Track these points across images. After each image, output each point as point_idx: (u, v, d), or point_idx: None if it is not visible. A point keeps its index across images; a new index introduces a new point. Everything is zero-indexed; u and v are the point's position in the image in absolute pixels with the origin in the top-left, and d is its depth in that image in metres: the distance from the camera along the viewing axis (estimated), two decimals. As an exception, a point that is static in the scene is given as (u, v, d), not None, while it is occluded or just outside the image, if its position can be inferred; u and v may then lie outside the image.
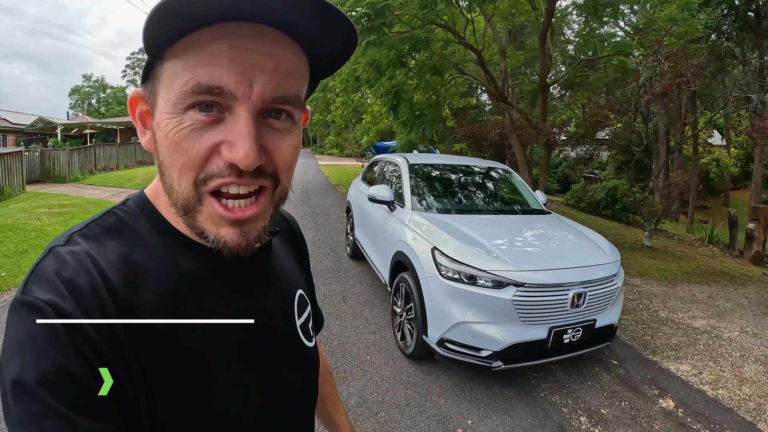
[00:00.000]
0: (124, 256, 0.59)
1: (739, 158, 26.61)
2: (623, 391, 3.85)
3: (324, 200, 13.54)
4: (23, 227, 8.47)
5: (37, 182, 16.54)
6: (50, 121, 31.59)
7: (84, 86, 66.94)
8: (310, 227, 9.46)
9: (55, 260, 0.55)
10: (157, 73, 0.58)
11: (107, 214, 0.65)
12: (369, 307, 5.22)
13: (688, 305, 6.06)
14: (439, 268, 3.63)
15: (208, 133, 0.55)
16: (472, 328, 3.45)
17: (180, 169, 0.57)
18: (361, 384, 3.67)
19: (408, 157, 5.68)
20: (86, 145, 23.86)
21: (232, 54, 0.53)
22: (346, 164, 31.15)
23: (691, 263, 8.51)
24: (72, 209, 10.74)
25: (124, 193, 14.52)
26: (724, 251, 10.20)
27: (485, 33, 11.84)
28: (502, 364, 3.43)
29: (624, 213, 14.39)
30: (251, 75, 0.54)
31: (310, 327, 0.86)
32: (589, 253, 4.00)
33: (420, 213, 4.50)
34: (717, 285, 7.17)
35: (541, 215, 5.01)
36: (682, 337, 5.02)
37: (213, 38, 0.53)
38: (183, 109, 0.55)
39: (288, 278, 0.83)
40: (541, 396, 3.68)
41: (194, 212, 0.59)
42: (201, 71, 0.53)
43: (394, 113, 11.71)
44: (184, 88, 0.54)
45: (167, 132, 0.56)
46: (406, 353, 4.08)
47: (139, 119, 0.64)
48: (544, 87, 10.75)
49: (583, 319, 3.64)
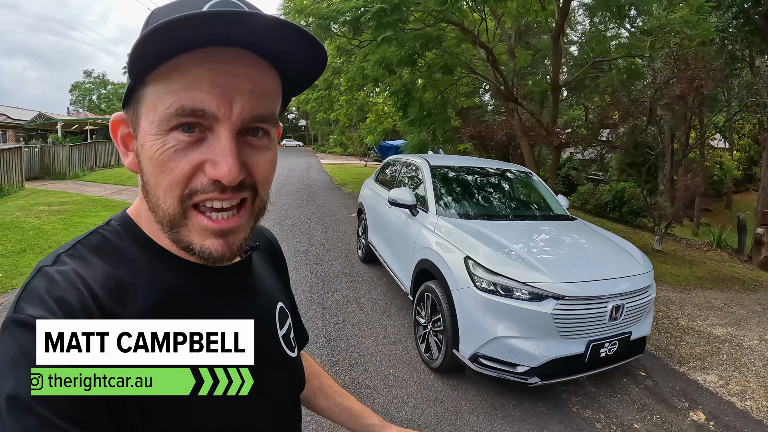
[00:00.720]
0: (110, 274, 0.61)
1: (742, 161, 26.49)
2: (653, 403, 3.76)
3: (329, 200, 13.39)
4: (22, 226, 8.25)
5: (37, 179, 16.27)
6: (50, 117, 31.42)
7: (85, 82, 66.68)
8: (317, 228, 9.30)
9: (44, 279, 0.57)
10: (140, 96, 0.60)
11: (92, 234, 0.66)
12: (386, 315, 5.03)
13: (706, 312, 6.05)
14: (474, 279, 3.43)
15: (192, 153, 0.58)
16: (509, 344, 3.28)
17: (166, 188, 0.59)
18: (387, 400, 3.49)
19: (428, 158, 5.48)
20: (87, 141, 23.70)
21: (212, 78, 0.57)
22: (349, 163, 31.14)
23: (702, 268, 8.49)
24: (72, 207, 10.50)
25: (125, 190, 14.33)
26: (733, 256, 10.21)
27: (495, 32, 11.68)
28: (539, 381, 3.28)
29: (631, 216, 14.30)
30: (230, 97, 0.58)
31: (291, 338, 0.89)
32: (625, 263, 3.87)
33: (446, 218, 4.30)
34: (730, 291, 7.18)
35: (567, 221, 4.84)
36: (705, 346, 4.96)
37: (194, 63, 0.56)
38: (167, 131, 0.58)
39: (268, 291, 0.85)
40: (573, 411, 3.56)
41: (180, 227, 0.61)
42: (184, 95, 0.56)
43: (404, 112, 11.54)
44: (168, 111, 0.56)
45: (152, 153, 0.59)
46: (432, 366, 3.89)
47: (121, 141, 0.66)
48: (555, 88, 10.57)
49: (620, 331, 3.52)
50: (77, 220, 9.10)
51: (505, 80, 10.98)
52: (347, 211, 11.55)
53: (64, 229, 8.28)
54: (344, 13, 8.20)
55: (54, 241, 7.35)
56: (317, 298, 5.37)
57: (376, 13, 7.54)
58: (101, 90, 66.42)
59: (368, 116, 19.38)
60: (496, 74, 10.99)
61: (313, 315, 4.88)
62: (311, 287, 5.73)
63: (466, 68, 11.31)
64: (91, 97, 65.59)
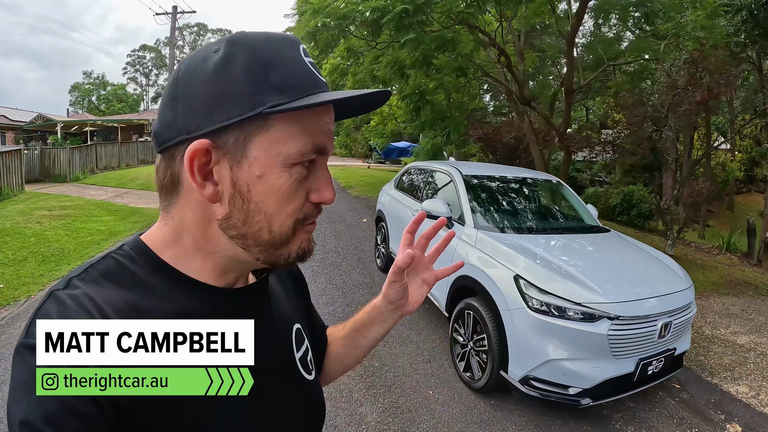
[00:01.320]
0: (123, 297, 0.60)
1: (744, 163, 26.46)
2: (691, 417, 3.74)
3: (337, 204, 13.18)
4: (22, 232, 8.08)
5: (37, 181, 16.12)
6: (50, 118, 31.12)
7: (84, 83, 66.20)
8: (330, 235, 9.16)
9: (55, 303, 0.56)
10: (259, 127, 0.61)
11: (104, 259, 0.65)
12: (415, 330, 4.88)
13: (726, 320, 6.03)
14: (527, 300, 3.30)
15: (303, 184, 0.65)
16: (563, 366, 3.19)
17: (288, 214, 0.64)
18: (431, 426, 3.34)
19: (458, 167, 5.31)
20: (86, 142, 23.56)
21: (329, 126, 0.67)
22: (351, 165, 30.99)
23: (714, 273, 8.44)
24: (73, 212, 10.33)
25: (126, 193, 14.17)
26: (743, 259, 10.20)
27: (505, 34, 11.57)
28: (591, 401, 3.22)
29: (640, 219, 14.22)
30: (332, 139, 0.68)
31: (309, 360, 0.87)
32: (669, 279, 3.81)
33: (487, 232, 4.15)
34: (745, 297, 7.18)
35: (603, 233, 4.72)
36: (732, 356, 4.94)
37: (319, 115, 0.65)
38: (292, 164, 0.62)
39: (284, 313, 0.85)
40: (617, 428, 3.50)
41: (286, 244, 0.66)
42: (317, 137, 0.64)
43: (416, 115, 11.42)
44: (305, 149, 0.62)
45: (281, 184, 0.62)
46: (473, 387, 3.74)
47: (197, 171, 0.62)
48: (569, 91, 10.40)
49: (665, 348, 3.48)
50: (79, 226, 8.93)
51: (519, 83, 10.86)
52: (357, 216, 11.45)
53: (66, 235, 8.13)
54: (364, 13, 8.07)
55: (56, 249, 7.20)
56: (340, 312, 5.22)
57: (398, 14, 7.41)
58: (101, 91, 65.88)
59: (372, 118, 19.27)
60: (509, 77, 10.88)
61: (339, 330, 4.71)
62: (333, 300, 5.59)
63: (480, 71, 11.17)
64: (90, 98, 65.10)
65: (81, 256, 6.94)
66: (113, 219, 9.90)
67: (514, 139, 13.78)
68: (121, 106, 59.88)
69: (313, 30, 8.88)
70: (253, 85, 0.59)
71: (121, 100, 62.95)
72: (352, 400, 3.57)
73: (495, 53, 11.70)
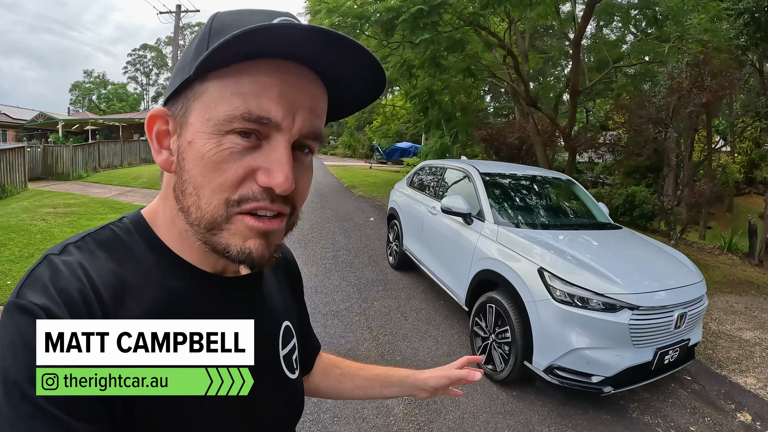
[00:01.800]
0: (114, 270, 0.60)
1: (743, 164, 26.62)
2: (703, 406, 3.90)
3: (342, 203, 13.35)
4: (28, 229, 8.01)
5: (39, 179, 15.97)
6: (51, 117, 31.06)
7: (85, 82, 66.13)
8: (339, 233, 9.24)
9: (49, 268, 0.57)
10: (196, 92, 0.59)
11: (102, 229, 0.66)
12: (432, 324, 4.97)
13: (731, 317, 6.20)
14: (551, 291, 3.41)
15: (246, 158, 0.58)
16: (587, 354, 3.30)
17: (214, 188, 0.58)
18: (458, 416, 3.43)
19: (476, 165, 5.41)
20: (87, 141, 23.47)
21: (282, 89, 0.57)
22: (353, 165, 30.97)
23: (717, 272, 8.56)
24: (78, 209, 10.29)
25: (130, 192, 14.18)
26: (744, 260, 10.29)
27: (511, 36, 11.67)
28: (612, 389, 3.35)
29: (642, 220, 14.33)
30: (295, 110, 0.58)
31: (293, 359, 0.86)
32: (683, 273, 3.96)
33: (507, 228, 4.24)
34: (747, 295, 7.33)
35: (616, 230, 4.83)
36: (739, 350, 5.11)
37: (266, 71, 0.57)
38: (225, 132, 0.57)
39: (275, 309, 0.83)
40: (634, 417, 3.63)
41: (219, 230, 0.60)
42: (252, 101, 0.56)
43: (425, 115, 11.50)
44: (233, 113, 0.56)
45: (204, 151, 0.57)
46: (496, 378, 3.83)
47: (155, 138, 0.64)
48: (575, 93, 10.51)
49: (681, 338, 3.63)
50: (85, 223, 8.90)
51: (526, 84, 10.96)
52: (364, 215, 11.52)
53: (72, 232, 7.99)
54: (379, 13, 8.15)
55: None
56: (357, 308, 5.29)
57: (413, 15, 7.48)
58: (101, 90, 65.87)
59: (376, 119, 19.33)
60: (515, 78, 10.97)
61: (358, 326, 4.81)
62: (348, 296, 5.66)
63: (487, 72, 11.27)
64: (90, 96, 65.03)
65: None
66: (118, 216, 9.88)
67: (518, 140, 13.90)
68: (122, 105, 59.78)
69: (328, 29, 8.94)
70: (197, 52, 0.57)
71: (121, 99, 62.81)
72: (377, 393, 3.66)
73: (501, 54, 11.80)
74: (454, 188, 5.57)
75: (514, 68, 10.51)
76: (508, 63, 10.99)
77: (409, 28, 7.89)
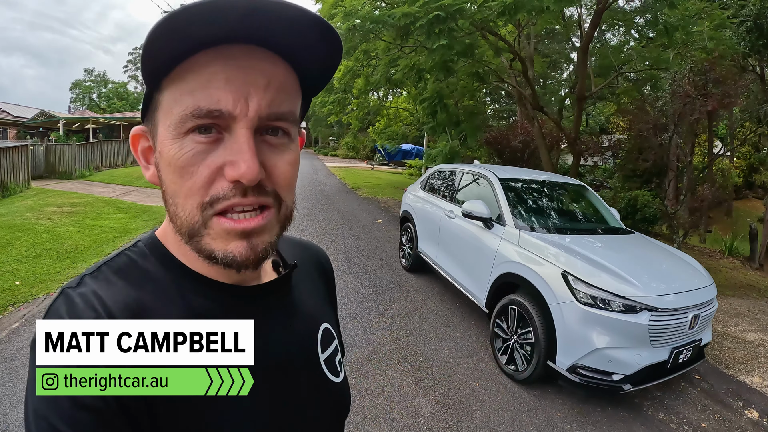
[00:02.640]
0: (132, 295, 0.60)
1: (743, 168, 26.82)
2: (712, 404, 4.08)
3: (349, 205, 13.41)
4: (34, 228, 8.00)
5: (42, 178, 15.86)
6: (52, 115, 30.98)
7: (85, 80, 65.79)
8: (348, 235, 9.29)
9: (65, 301, 0.57)
10: (156, 103, 0.59)
11: (118, 256, 0.66)
12: (451, 326, 5.07)
13: (735, 319, 6.34)
14: (575, 294, 3.55)
15: (210, 156, 0.56)
16: (608, 354, 3.45)
17: (185, 194, 0.57)
18: (484, 415, 3.55)
19: (494, 170, 5.52)
20: (89, 140, 23.41)
21: (227, 73, 0.55)
22: (354, 166, 30.91)
23: (719, 276, 8.65)
24: (83, 208, 10.25)
25: (134, 191, 14.15)
26: (745, 263, 10.39)
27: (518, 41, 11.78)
28: (632, 387, 3.51)
29: (644, 223, 14.46)
30: (246, 92, 0.55)
31: (337, 361, 0.84)
32: (695, 276, 4.13)
33: (528, 233, 4.37)
34: (749, 298, 7.46)
35: (629, 235, 4.95)
36: (744, 350, 5.28)
37: (208, 61, 0.55)
38: (183, 133, 0.56)
39: (311, 312, 0.82)
40: (649, 414, 3.79)
41: (200, 236, 0.59)
42: (200, 95, 0.54)
43: (433, 118, 11.59)
44: (184, 112, 0.55)
45: (170, 157, 0.57)
46: (517, 378, 3.96)
47: (141, 155, 0.65)
48: (581, 98, 10.62)
49: (693, 339, 3.80)
50: (91, 223, 8.89)
51: (532, 88, 11.08)
52: (371, 217, 11.59)
53: (78, 232, 8.06)
54: (396, 17, 8.23)
55: (69, 245, 7.16)
56: (376, 310, 5.39)
57: (430, 21, 7.58)
58: (102, 88, 65.50)
59: (379, 120, 19.38)
60: (521, 81, 11.07)
61: (378, 328, 4.90)
62: (365, 298, 5.75)
63: (495, 76, 11.38)
64: (91, 95, 64.76)
65: (97, 253, 6.92)
66: (125, 216, 9.90)
67: (521, 143, 13.99)
68: (122, 104, 59.45)
69: (345, 33, 9.01)
70: (143, 53, 0.54)
71: (122, 98, 62.38)
72: (404, 394, 3.75)
73: (507, 58, 11.92)
74: (471, 193, 5.67)
75: (522, 72, 10.61)
76: (515, 67, 11.09)
77: (426, 33, 8.00)
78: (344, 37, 9.36)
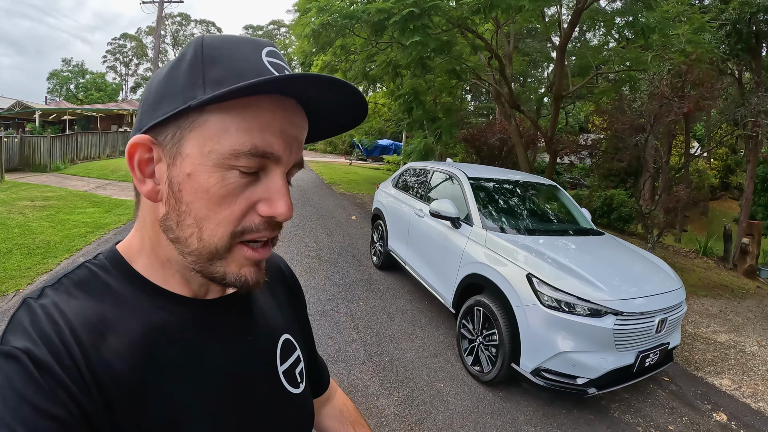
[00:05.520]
0: (92, 307, 0.60)
1: (719, 170, 27.32)
2: (680, 407, 4.06)
3: (324, 201, 13.33)
4: (5, 223, 7.84)
5: (16, 170, 15.63)
6: (29, 106, 30.29)
7: (63, 70, 64.58)
8: (321, 231, 9.21)
9: (27, 312, 0.57)
10: (193, 122, 0.58)
11: (78, 268, 0.65)
12: (419, 326, 5.01)
13: (707, 320, 6.38)
14: (540, 297, 3.50)
15: (247, 191, 0.60)
16: (573, 358, 3.41)
17: (219, 221, 0.59)
18: (447, 416, 3.49)
19: (463, 169, 5.46)
20: (65, 131, 23.00)
21: (282, 125, 0.60)
22: (332, 161, 30.94)
23: (692, 276, 8.77)
24: (56, 203, 10.11)
25: (108, 185, 13.94)
26: (719, 263, 10.53)
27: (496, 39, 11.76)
28: (596, 391, 3.47)
29: (619, 222, 14.62)
30: (290, 144, 0.61)
31: (297, 372, 0.85)
32: (664, 280, 4.08)
33: (496, 233, 4.30)
34: (722, 298, 7.52)
35: (599, 236, 4.92)
36: (714, 352, 5.30)
37: (268, 107, 0.58)
38: (229, 167, 0.58)
39: (270, 324, 0.83)
40: (615, 416, 3.77)
41: (219, 259, 0.62)
42: (257, 136, 0.57)
43: (409, 115, 11.54)
44: (240, 148, 0.57)
45: (209, 185, 0.58)
46: (482, 380, 3.91)
47: (138, 167, 0.63)
48: (558, 97, 10.62)
49: (660, 342, 3.78)
50: (63, 217, 8.75)
51: (509, 86, 11.06)
52: (345, 213, 11.52)
53: (51, 227, 7.94)
54: (370, 13, 8.13)
55: (41, 240, 7.05)
56: (344, 308, 5.31)
57: (404, 17, 7.50)
58: (79, 79, 64.35)
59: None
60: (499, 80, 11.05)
61: (345, 327, 4.83)
62: (334, 296, 5.67)
63: (472, 73, 11.34)
64: (68, 86, 63.51)
65: (68, 248, 6.84)
66: (97, 211, 9.76)
67: (499, 141, 13.99)
68: (99, 95, 58.64)
69: (318, 28, 8.90)
70: (191, 80, 0.58)
71: (99, 89, 61.51)
72: (367, 394, 3.69)
73: (485, 56, 11.89)
74: (441, 191, 5.61)
75: (499, 70, 10.58)
76: (493, 65, 11.06)
77: (400, 29, 7.92)
78: (318, 32, 9.31)
